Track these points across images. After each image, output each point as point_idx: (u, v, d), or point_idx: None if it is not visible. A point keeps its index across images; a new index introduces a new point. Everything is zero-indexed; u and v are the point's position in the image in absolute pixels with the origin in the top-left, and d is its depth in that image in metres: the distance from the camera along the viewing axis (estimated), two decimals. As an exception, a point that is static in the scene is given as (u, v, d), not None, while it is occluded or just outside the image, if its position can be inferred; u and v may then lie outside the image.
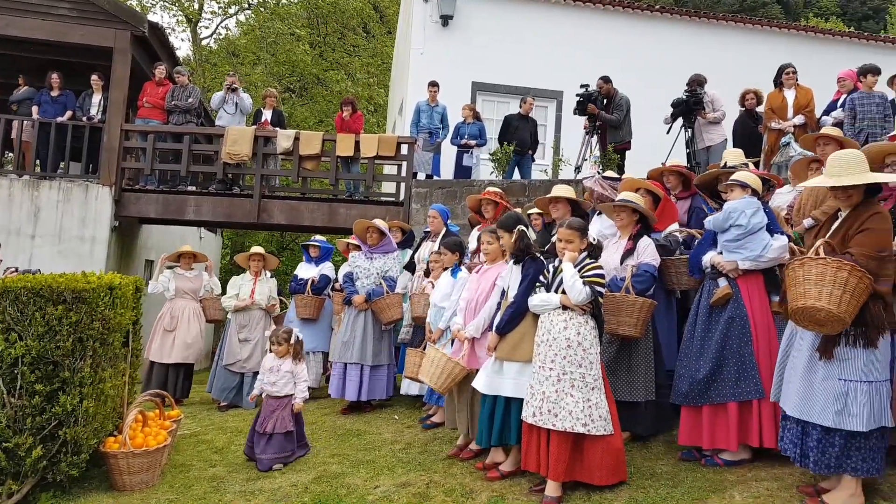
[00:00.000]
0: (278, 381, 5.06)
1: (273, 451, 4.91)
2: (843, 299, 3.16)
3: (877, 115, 7.25)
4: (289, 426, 4.99)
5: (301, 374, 5.15)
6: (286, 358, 5.13)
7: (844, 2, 43.78)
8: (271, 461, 4.87)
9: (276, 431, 4.93)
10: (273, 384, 5.07)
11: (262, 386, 5.13)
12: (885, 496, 3.56)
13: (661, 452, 4.55)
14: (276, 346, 5.12)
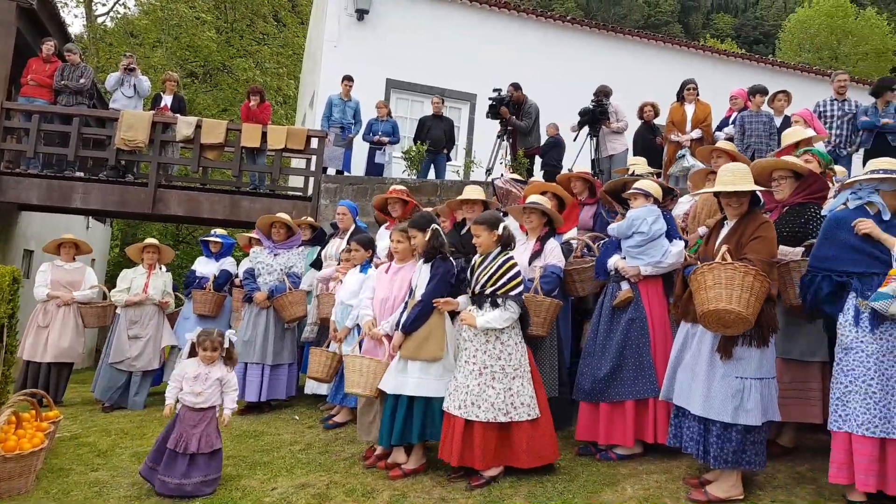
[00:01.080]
0: (205, 391, 4.30)
1: (200, 474, 4.16)
2: (749, 302, 3.35)
3: (763, 133, 7.80)
4: (216, 443, 4.28)
5: (232, 382, 4.42)
6: (216, 364, 4.39)
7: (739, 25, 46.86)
8: (197, 488, 4.12)
9: (200, 451, 4.19)
10: (198, 395, 4.28)
11: (181, 397, 4.31)
12: (760, 486, 3.80)
13: (560, 447, 4.64)
14: (205, 350, 4.33)
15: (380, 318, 4.67)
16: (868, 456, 3.30)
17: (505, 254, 4.21)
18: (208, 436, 4.26)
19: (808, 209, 4.10)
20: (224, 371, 4.39)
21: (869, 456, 3.29)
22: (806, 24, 31.44)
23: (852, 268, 3.47)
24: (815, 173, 4.24)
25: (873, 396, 3.32)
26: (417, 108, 12.81)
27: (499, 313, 4.03)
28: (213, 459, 4.26)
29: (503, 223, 4.29)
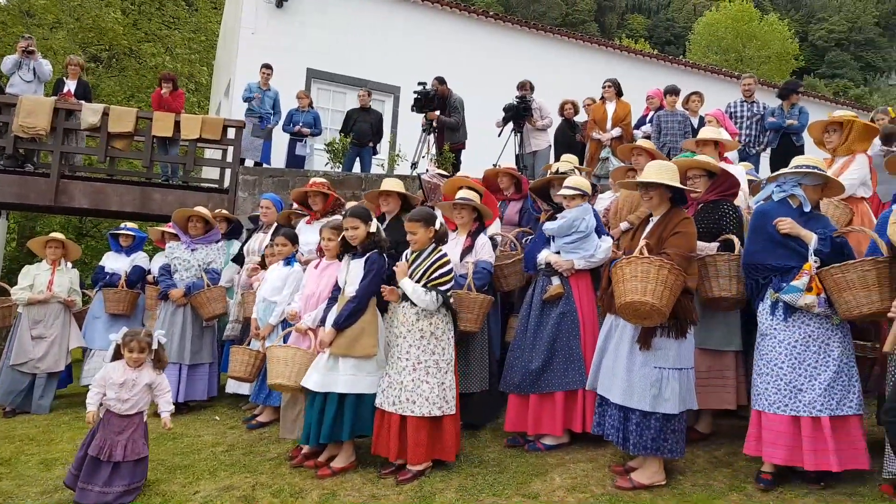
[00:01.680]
0: (133, 397, 4.01)
1: (123, 483, 3.91)
2: (663, 294, 3.48)
3: (678, 132, 8.12)
4: (143, 450, 4.03)
5: (163, 385, 4.17)
6: (143, 368, 4.11)
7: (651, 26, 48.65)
8: (119, 497, 3.87)
9: (126, 459, 3.93)
10: (124, 401, 4.00)
11: (106, 402, 4.01)
12: (681, 471, 3.97)
13: (489, 440, 4.72)
14: (131, 352, 4.04)
15: (306, 315, 4.59)
16: (775, 431, 3.59)
17: (438, 250, 4.24)
18: (135, 442, 4.00)
19: (721, 206, 4.32)
20: (153, 375, 4.12)
21: (776, 431, 3.59)
22: (714, 28, 33.04)
23: (773, 261, 3.70)
24: (727, 172, 4.45)
25: (784, 378, 3.60)
26: (340, 99, 12.61)
27: (424, 292, 4.07)
28: (138, 467, 4.03)
29: (439, 220, 4.32)
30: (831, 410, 3.50)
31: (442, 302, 4.13)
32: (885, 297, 3.38)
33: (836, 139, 5.01)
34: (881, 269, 3.44)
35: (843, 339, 3.62)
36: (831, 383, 3.52)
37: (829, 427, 3.48)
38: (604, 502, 3.64)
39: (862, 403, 3.56)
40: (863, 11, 47.30)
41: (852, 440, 3.51)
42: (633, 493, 3.70)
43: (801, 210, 3.74)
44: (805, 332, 3.62)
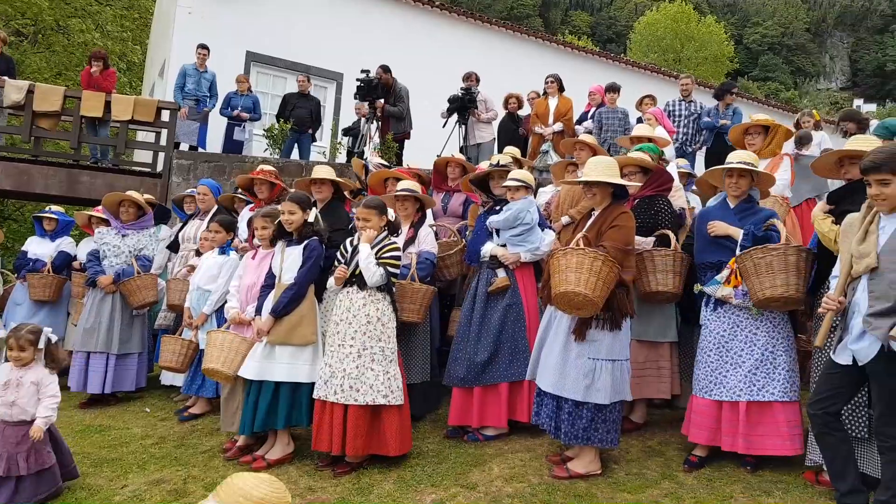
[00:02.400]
0: (20, 400, 3.58)
1: (26, 496, 3.53)
2: (596, 285, 3.55)
3: (619, 129, 8.28)
4: (47, 461, 3.62)
5: (51, 387, 3.69)
6: (32, 366, 3.70)
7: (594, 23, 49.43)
8: None
9: (29, 472, 3.54)
10: (10, 405, 3.56)
11: None
12: (615, 461, 4.05)
13: (428, 431, 4.70)
14: (11, 350, 3.63)
15: (244, 304, 4.48)
16: (702, 414, 3.86)
17: (389, 239, 4.21)
18: (38, 452, 3.62)
19: (657, 201, 4.46)
20: (43, 373, 3.71)
21: (702, 414, 3.85)
22: (654, 28, 33.83)
23: (710, 259, 3.98)
24: (661, 168, 4.60)
25: (711, 365, 3.85)
26: (280, 84, 12.32)
27: (375, 263, 4.02)
28: (43, 479, 3.66)
29: (391, 210, 4.30)
30: (751, 396, 3.69)
31: (387, 281, 4.08)
32: (790, 283, 3.55)
33: (759, 142, 5.23)
34: (800, 257, 3.60)
35: (771, 329, 3.78)
36: (753, 370, 3.72)
37: (744, 412, 3.70)
38: (540, 492, 3.67)
39: (789, 391, 3.70)
40: (794, 17, 49.34)
41: (776, 426, 3.67)
42: (569, 482, 3.76)
43: (741, 206, 3.94)
44: (732, 322, 3.83)
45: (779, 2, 50.69)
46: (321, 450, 4.04)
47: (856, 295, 3.03)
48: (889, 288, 2.87)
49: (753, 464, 3.80)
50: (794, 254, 3.59)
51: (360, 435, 3.93)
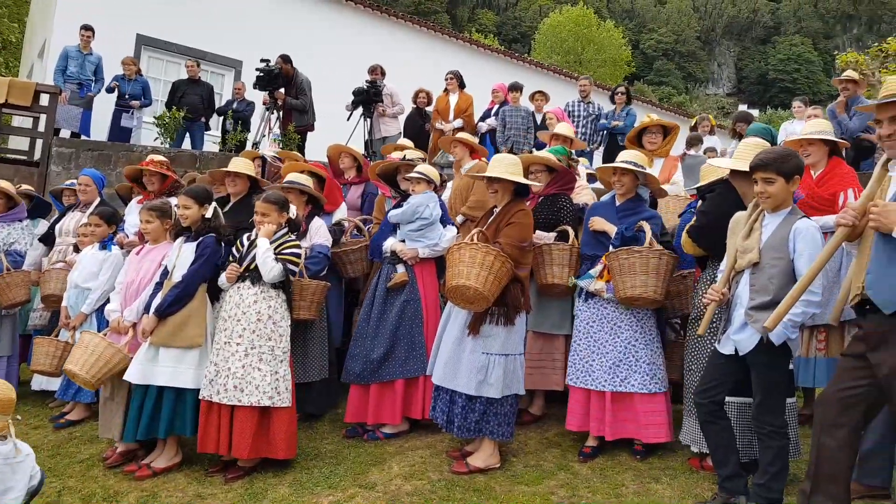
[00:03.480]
0: None
1: None
2: (488, 280, 3.60)
3: (521, 127, 8.42)
4: None
5: None
6: None
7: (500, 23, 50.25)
8: None
9: None
10: None
11: None
12: (514, 454, 4.10)
13: (326, 431, 4.59)
14: None
15: (125, 305, 4.19)
16: (575, 402, 4.04)
17: (290, 235, 4.09)
18: None
19: (560, 199, 4.57)
20: None
21: (575, 402, 4.03)
22: (557, 30, 34.74)
23: (589, 251, 4.18)
24: (565, 168, 4.70)
25: (580, 353, 4.02)
26: (174, 70, 11.71)
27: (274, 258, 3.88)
28: None
29: (293, 208, 4.21)
30: (613, 387, 3.87)
31: (285, 278, 3.94)
32: (648, 285, 3.73)
33: (658, 141, 5.44)
34: (661, 261, 3.78)
35: (635, 323, 3.94)
36: (616, 362, 3.89)
37: (609, 401, 3.88)
38: (440, 488, 3.65)
39: (648, 384, 3.85)
40: (686, 26, 52.13)
41: (635, 416, 3.87)
42: (468, 477, 3.76)
43: (625, 205, 4.10)
44: (599, 314, 4.02)
45: (672, 10, 53.44)
46: (207, 451, 3.86)
47: (738, 288, 3.19)
48: (768, 282, 3.04)
49: (643, 452, 3.95)
50: (656, 257, 3.76)
51: (246, 437, 3.76)
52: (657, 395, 3.90)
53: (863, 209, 2.61)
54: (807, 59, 48.28)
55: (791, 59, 48.69)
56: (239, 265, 3.96)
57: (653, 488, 3.59)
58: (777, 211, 3.14)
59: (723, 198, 3.68)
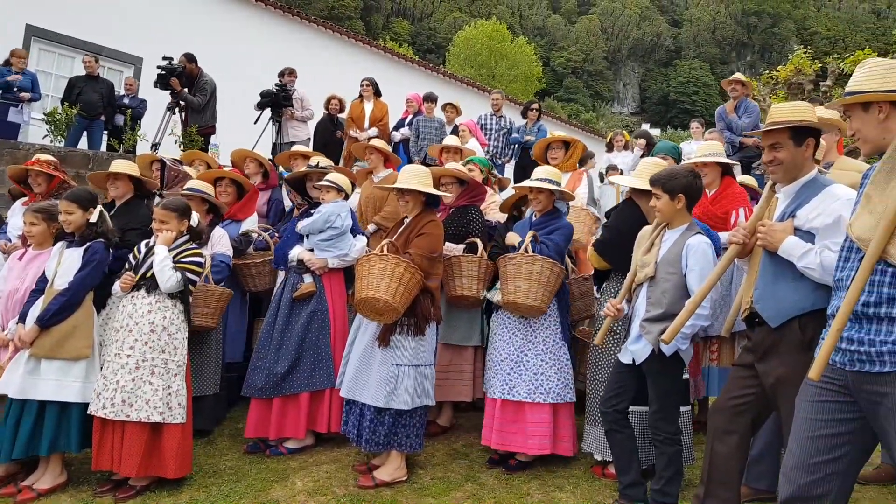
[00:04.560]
0: None
1: None
2: (398, 291, 3.57)
3: (435, 138, 8.45)
4: None
5: None
6: None
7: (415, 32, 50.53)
8: None
9: None
10: None
11: None
12: (421, 465, 4.07)
13: (226, 447, 4.41)
14: None
15: (8, 316, 3.86)
16: (491, 415, 3.97)
17: (191, 244, 3.92)
18: None
19: (469, 211, 4.61)
20: None
21: (492, 415, 3.97)
22: (471, 42, 35.30)
23: None
24: (476, 181, 4.76)
25: (501, 365, 3.97)
26: (66, 64, 11.04)
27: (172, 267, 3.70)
28: None
29: (195, 216, 4.04)
30: (503, 394, 3.91)
31: (183, 288, 3.76)
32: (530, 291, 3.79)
33: (560, 155, 5.61)
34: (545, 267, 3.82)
35: (529, 332, 3.98)
36: (508, 370, 3.94)
37: (499, 409, 3.91)
38: (346, 503, 3.58)
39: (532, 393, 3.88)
40: (594, 46, 54.29)
41: (524, 426, 3.89)
42: (374, 491, 3.70)
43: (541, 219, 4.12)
44: (501, 323, 4.05)
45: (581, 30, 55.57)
46: (103, 469, 3.63)
47: (637, 301, 3.33)
48: (662, 296, 3.18)
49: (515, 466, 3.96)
50: (539, 264, 3.80)
51: (134, 454, 3.55)
52: (544, 406, 3.88)
53: (752, 228, 2.75)
54: (705, 82, 51.39)
55: (690, 82, 51.69)
56: (134, 273, 3.76)
57: (556, 496, 3.65)
58: (676, 227, 3.29)
59: (626, 214, 3.83)
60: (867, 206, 2.10)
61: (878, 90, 2.17)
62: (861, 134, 2.25)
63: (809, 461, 2.13)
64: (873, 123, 2.20)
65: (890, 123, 2.17)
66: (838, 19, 53.06)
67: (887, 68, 2.19)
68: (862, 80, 2.23)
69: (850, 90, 2.25)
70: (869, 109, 2.20)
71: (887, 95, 2.15)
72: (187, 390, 3.78)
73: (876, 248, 2.00)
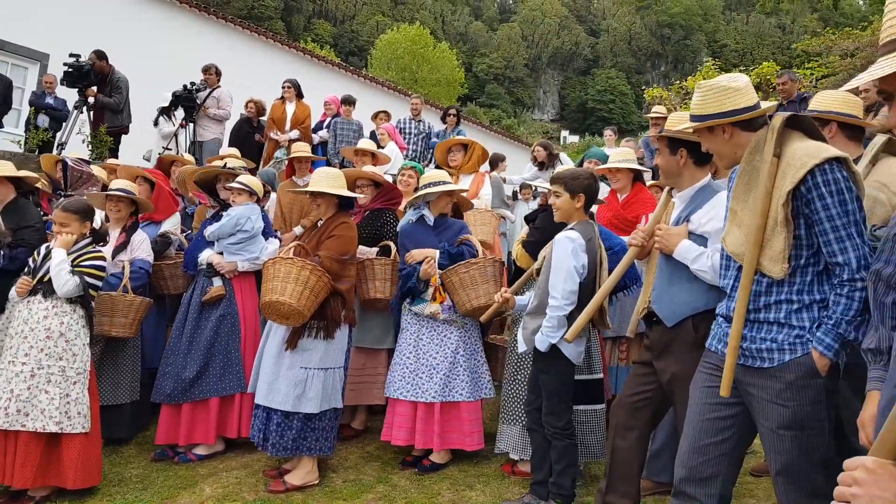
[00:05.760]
0: None
1: None
2: (303, 295, 3.57)
3: (353, 140, 8.44)
4: None
5: None
6: None
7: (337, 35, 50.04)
8: None
9: None
10: None
11: None
12: (333, 469, 4.09)
13: (133, 455, 4.30)
14: None
15: None
16: (402, 416, 4.02)
17: (93, 247, 3.81)
18: None
19: (384, 214, 4.64)
20: None
21: (402, 416, 4.02)
22: (394, 46, 35.31)
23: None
24: (392, 184, 4.79)
25: (408, 366, 4.05)
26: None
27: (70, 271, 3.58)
28: None
29: (99, 216, 3.94)
30: (444, 397, 3.99)
31: (83, 293, 3.64)
32: (490, 293, 3.91)
33: (459, 158, 5.75)
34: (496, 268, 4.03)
35: (461, 333, 4.09)
36: (447, 372, 4.00)
37: (439, 411, 3.98)
38: (255, 508, 3.56)
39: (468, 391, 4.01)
40: (515, 53, 55.35)
41: (461, 424, 4.01)
42: (284, 495, 3.70)
43: (437, 221, 4.22)
44: (427, 327, 4.09)
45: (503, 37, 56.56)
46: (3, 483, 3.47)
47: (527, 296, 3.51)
48: (539, 289, 3.36)
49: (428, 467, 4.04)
50: (492, 265, 4.00)
51: (28, 466, 3.43)
52: (478, 403, 4.07)
53: (650, 231, 2.89)
54: (621, 91, 53.29)
55: (607, 91, 53.46)
56: (32, 277, 3.62)
57: (467, 495, 3.75)
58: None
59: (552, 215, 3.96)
60: (734, 221, 2.27)
61: (714, 113, 2.29)
62: (714, 152, 2.40)
63: (700, 443, 2.28)
64: (721, 142, 2.34)
65: (737, 139, 2.32)
66: (746, 33, 56.15)
67: (721, 91, 2.30)
68: (700, 105, 2.34)
69: (693, 114, 2.37)
70: (714, 131, 2.34)
71: (724, 120, 2.28)
72: (92, 399, 3.66)
73: (750, 264, 2.17)
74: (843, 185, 2.06)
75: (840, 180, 2.06)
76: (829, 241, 2.08)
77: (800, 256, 2.14)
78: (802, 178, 2.06)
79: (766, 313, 2.17)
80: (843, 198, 2.06)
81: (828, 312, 2.10)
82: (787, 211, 2.09)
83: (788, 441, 2.11)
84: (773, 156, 2.15)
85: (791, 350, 2.12)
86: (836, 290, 2.10)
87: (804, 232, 2.12)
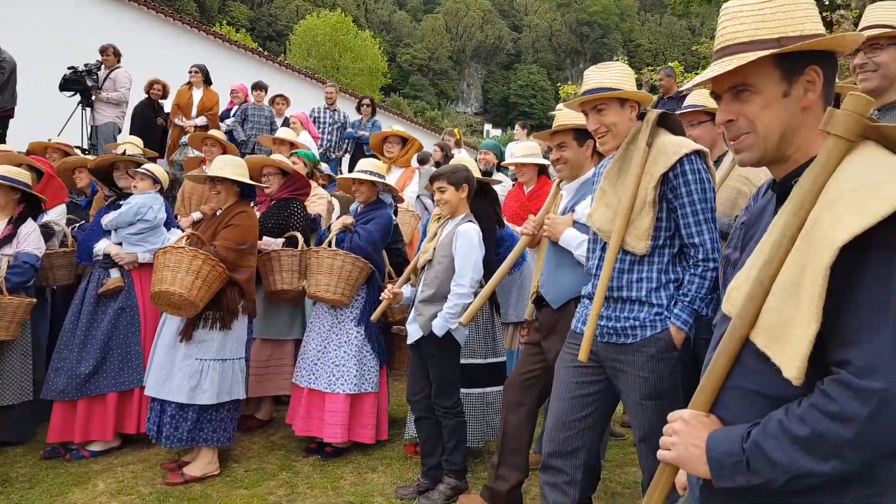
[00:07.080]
0: None
1: None
2: (195, 285, 3.52)
3: (264, 126, 8.31)
4: None
5: None
6: None
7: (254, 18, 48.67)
8: None
9: None
10: None
11: None
12: (235, 459, 4.06)
13: (20, 454, 4.12)
14: None
15: None
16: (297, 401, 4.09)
17: None
18: None
19: (291, 204, 4.56)
20: None
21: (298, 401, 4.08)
22: (313, 33, 34.64)
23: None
24: (299, 173, 4.73)
25: (310, 356, 4.07)
26: None
27: None
28: None
29: None
30: (308, 383, 4.03)
31: None
32: (330, 284, 3.90)
33: (396, 150, 5.78)
34: (347, 262, 3.95)
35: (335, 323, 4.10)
36: (314, 360, 4.05)
37: (306, 397, 4.04)
38: (151, 501, 3.49)
39: (333, 384, 4.00)
40: (439, 45, 55.52)
41: (322, 414, 4.01)
42: (183, 487, 3.65)
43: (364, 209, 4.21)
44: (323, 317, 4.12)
45: (427, 28, 56.61)
46: None
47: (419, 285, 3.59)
48: (435, 278, 3.46)
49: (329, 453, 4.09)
50: (341, 259, 3.90)
51: None
52: (339, 396, 3.99)
53: (541, 221, 3.04)
54: (541, 86, 54.41)
55: (529, 86, 54.49)
56: None
57: (369, 477, 3.81)
58: (456, 217, 3.56)
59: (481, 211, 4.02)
60: (602, 200, 2.43)
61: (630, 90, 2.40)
62: (616, 129, 2.42)
63: (566, 419, 2.43)
64: (626, 119, 2.43)
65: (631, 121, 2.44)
66: (659, 33, 58.40)
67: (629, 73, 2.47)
68: (615, 79, 2.41)
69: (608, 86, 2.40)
70: (625, 106, 2.42)
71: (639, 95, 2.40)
72: None
73: (616, 241, 2.33)
74: (703, 175, 2.30)
75: (702, 170, 2.30)
76: (689, 224, 2.29)
77: (658, 238, 2.32)
78: (672, 165, 2.25)
79: (629, 291, 2.33)
80: (703, 186, 2.29)
81: (683, 290, 2.31)
82: (656, 194, 2.27)
83: (650, 410, 2.29)
84: (645, 144, 2.34)
85: (652, 326, 2.30)
86: (690, 269, 2.31)
87: (665, 215, 2.31)
